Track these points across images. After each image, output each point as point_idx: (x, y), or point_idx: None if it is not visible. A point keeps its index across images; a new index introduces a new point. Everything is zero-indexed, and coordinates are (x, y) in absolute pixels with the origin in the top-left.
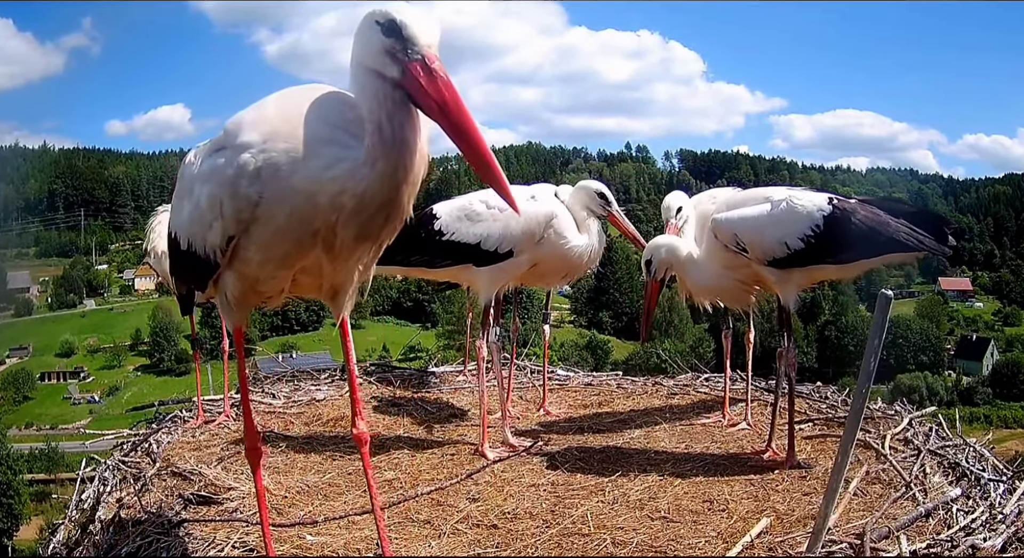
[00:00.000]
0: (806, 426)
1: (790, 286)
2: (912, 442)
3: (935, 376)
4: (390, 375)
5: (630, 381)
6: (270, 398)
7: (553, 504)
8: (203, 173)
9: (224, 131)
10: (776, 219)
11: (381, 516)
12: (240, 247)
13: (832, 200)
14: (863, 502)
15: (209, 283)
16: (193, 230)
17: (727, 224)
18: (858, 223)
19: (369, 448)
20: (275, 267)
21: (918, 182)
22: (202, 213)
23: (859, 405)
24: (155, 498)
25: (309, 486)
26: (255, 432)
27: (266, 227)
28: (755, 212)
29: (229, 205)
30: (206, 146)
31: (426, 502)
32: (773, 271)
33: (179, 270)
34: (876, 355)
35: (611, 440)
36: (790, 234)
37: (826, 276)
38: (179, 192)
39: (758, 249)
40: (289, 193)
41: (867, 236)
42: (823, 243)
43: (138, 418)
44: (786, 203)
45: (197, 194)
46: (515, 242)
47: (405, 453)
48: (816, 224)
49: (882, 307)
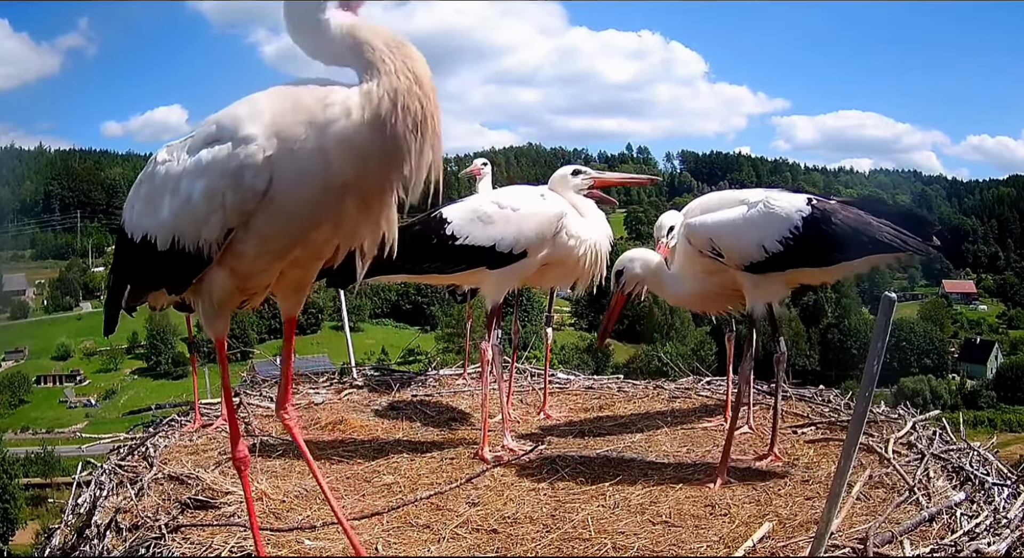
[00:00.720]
0: (809, 430)
1: (767, 291)
2: (916, 446)
3: (939, 379)
4: (389, 378)
5: (631, 384)
6: (268, 401)
7: (554, 508)
8: (194, 168)
9: (215, 126)
10: (753, 222)
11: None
12: (236, 240)
13: (811, 201)
14: (866, 506)
15: (191, 284)
16: (181, 227)
17: (701, 229)
18: (839, 224)
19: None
20: (269, 259)
21: (921, 184)
22: (194, 208)
23: (862, 409)
24: (152, 502)
25: (307, 490)
26: (240, 441)
27: (271, 216)
28: (730, 215)
29: (232, 197)
30: (183, 143)
31: (425, 506)
32: (750, 276)
33: (150, 272)
34: (879, 358)
35: (612, 444)
36: (768, 237)
37: (806, 280)
38: (152, 191)
39: (735, 253)
40: (299, 172)
41: (848, 237)
42: (803, 245)
43: (135, 422)
44: (763, 205)
45: (186, 190)
46: (529, 243)
47: (404, 457)
48: (795, 226)
49: (885, 310)
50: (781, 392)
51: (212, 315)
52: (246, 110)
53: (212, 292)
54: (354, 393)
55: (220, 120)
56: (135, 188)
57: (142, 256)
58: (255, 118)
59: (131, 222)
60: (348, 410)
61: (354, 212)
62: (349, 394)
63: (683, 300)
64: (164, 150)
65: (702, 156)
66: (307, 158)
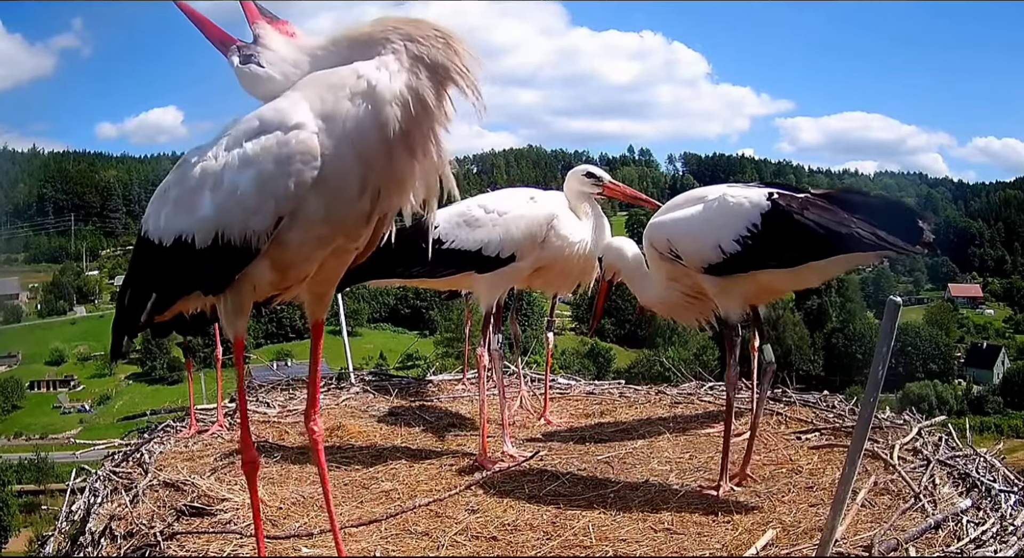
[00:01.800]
0: (813, 436)
1: (732, 297)
2: (921, 452)
3: (945, 385)
4: (387, 384)
5: (633, 390)
6: (264, 407)
7: (554, 515)
8: (239, 161)
9: (258, 121)
10: (708, 220)
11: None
12: (283, 229)
13: (771, 195)
14: (871, 513)
15: (233, 280)
16: (226, 220)
17: (660, 229)
18: (805, 220)
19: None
20: (313, 246)
21: (927, 186)
22: (243, 199)
23: (867, 414)
24: (147, 509)
25: (304, 497)
26: (252, 445)
27: (322, 195)
28: (686, 213)
29: (286, 183)
30: (214, 144)
31: (424, 514)
32: (712, 279)
33: (185, 274)
34: (884, 363)
35: (613, 450)
36: (723, 236)
37: (775, 283)
38: (185, 193)
39: (693, 255)
40: (353, 142)
41: (815, 235)
42: (762, 245)
43: (129, 427)
44: (719, 201)
45: (231, 182)
46: (517, 246)
47: (402, 463)
48: (752, 223)
49: (891, 314)
50: (765, 403)
51: (236, 314)
52: (286, 103)
53: (249, 287)
54: (352, 398)
55: (262, 115)
56: (159, 196)
57: (176, 259)
58: (298, 106)
59: (158, 228)
60: (346, 416)
61: (402, 165)
62: (347, 399)
63: (651, 305)
64: (191, 155)
65: (704, 158)
66: (358, 125)
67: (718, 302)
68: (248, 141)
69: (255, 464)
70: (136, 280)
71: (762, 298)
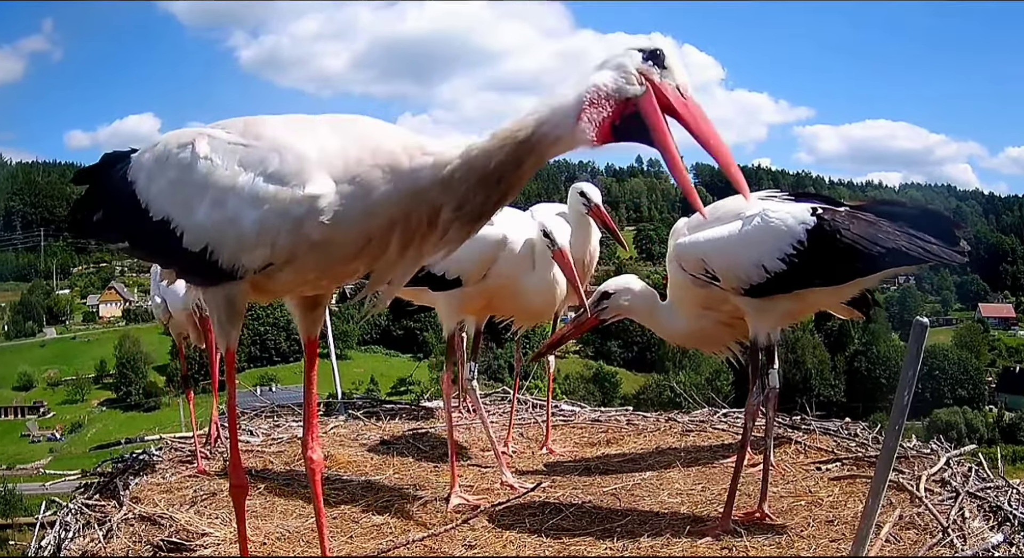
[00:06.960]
0: (834, 466)
1: (768, 318)
2: (950, 483)
3: (975, 411)
4: (379, 410)
5: (641, 417)
6: (247, 435)
7: (557, 552)
8: (248, 194)
9: (278, 157)
10: (748, 238)
11: None
12: (271, 268)
13: (816, 210)
14: (896, 549)
15: (209, 286)
16: (219, 240)
17: (692, 248)
18: (853, 235)
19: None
20: (296, 284)
21: (956, 199)
22: (241, 234)
23: (892, 443)
24: (122, 545)
25: (290, 531)
26: (241, 467)
27: (317, 254)
28: (723, 232)
29: (287, 239)
30: (227, 146)
31: (418, 549)
32: (751, 301)
33: (163, 251)
34: (911, 388)
35: (621, 481)
36: (766, 254)
37: (818, 301)
38: (185, 185)
39: (732, 276)
40: (364, 214)
41: (866, 250)
42: (809, 262)
43: (103, 457)
44: (760, 218)
45: (234, 210)
46: (461, 270)
47: (395, 495)
48: (798, 240)
49: (917, 336)
50: (774, 432)
51: (227, 321)
52: (314, 152)
53: (226, 296)
54: (341, 426)
55: (282, 152)
56: (158, 160)
57: (158, 235)
58: (324, 168)
59: (147, 192)
60: (334, 444)
61: (394, 252)
62: (335, 427)
63: (679, 338)
64: (204, 143)
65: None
66: (375, 202)
67: (752, 325)
68: (260, 176)
69: (243, 488)
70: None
71: (797, 318)
